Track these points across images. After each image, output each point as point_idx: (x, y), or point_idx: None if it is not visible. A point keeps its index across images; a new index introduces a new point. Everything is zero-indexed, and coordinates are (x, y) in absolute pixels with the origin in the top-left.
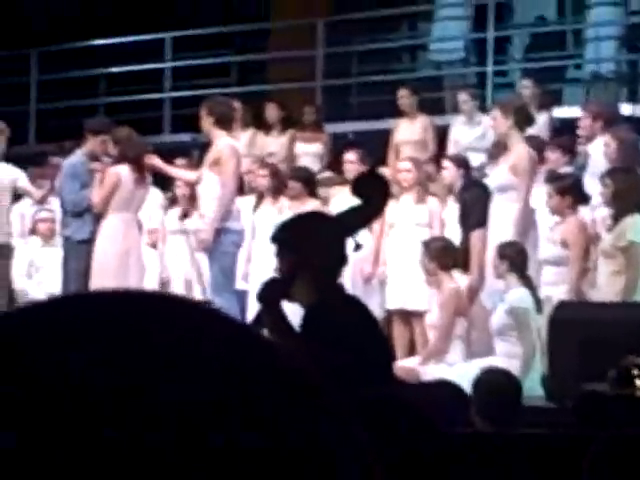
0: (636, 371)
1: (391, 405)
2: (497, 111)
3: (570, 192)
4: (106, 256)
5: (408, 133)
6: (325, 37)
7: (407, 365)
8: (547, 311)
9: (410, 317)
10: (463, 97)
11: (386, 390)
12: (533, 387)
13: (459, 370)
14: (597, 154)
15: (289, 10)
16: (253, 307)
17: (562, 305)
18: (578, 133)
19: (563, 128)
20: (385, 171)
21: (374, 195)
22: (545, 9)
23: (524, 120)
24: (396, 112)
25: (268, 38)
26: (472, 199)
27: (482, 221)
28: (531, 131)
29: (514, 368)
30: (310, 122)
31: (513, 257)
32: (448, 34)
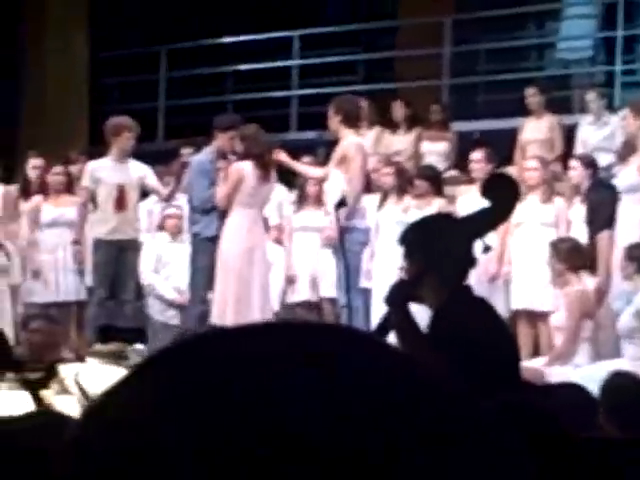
0: None
1: (526, 411)
2: (627, 111)
3: None
4: (230, 252)
5: (535, 132)
6: (452, 35)
7: (532, 366)
8: None
9: (535, 317)
10: (591, 96)
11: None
12: None
13: (585, 372)
14: None
15: (417, 8)
16: (377, 305)
17: None
18: None
19: None
20: (511, 170)
21: (504, 197)
22: None
23: None
24: (523, 111)
25: (395, 36)
26: (600, 200)
27: (610, 222)
28: None
29: None
30: (436, 120)
31: None
32: (576, 32)
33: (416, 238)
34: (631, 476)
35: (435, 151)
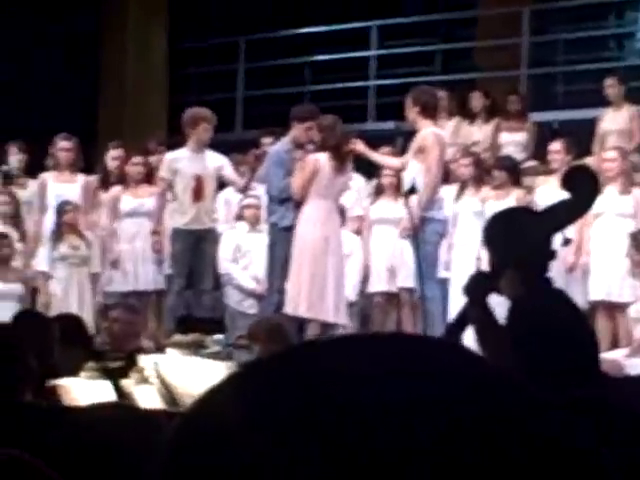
0: None
1: (604, 406)
2: None
3: None
4: (305, 242)
5: (614, 122)
6: (531, 25)
7: (611, 357)
8: None
9: (614, 309)
10: None
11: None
12: None
13: None
14: None
15: None
16: (455, 296)
17: None
18: None
19: None
20: (590, 161)
21: (584, 190)
22: None
23: None
24: (602, 101)
25: (473, 26)
26: None
27: None
28: None
29: None
30: (515, 111)
31: None
32: None
33: (497, 230)
34: None
35: (513, 141)
